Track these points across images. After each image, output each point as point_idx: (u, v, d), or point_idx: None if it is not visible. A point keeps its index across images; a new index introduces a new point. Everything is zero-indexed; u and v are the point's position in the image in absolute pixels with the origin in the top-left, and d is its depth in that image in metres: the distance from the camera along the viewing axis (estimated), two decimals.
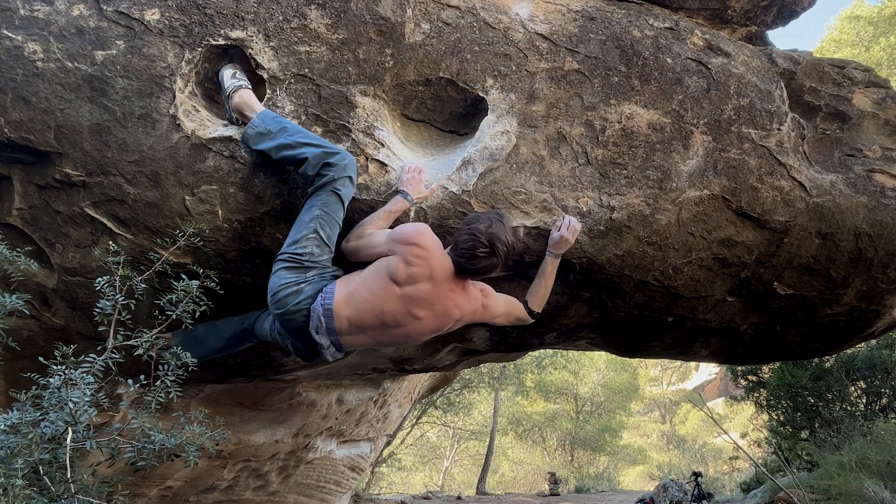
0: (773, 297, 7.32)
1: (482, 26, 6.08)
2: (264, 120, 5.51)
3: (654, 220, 6.33)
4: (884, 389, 18.27)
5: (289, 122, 5.56)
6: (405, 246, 5.32)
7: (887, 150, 7.30)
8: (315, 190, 5.43)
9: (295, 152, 5.45)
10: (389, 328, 5.53)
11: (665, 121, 6.33)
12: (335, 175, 5.38)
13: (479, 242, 5.31)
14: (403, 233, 5.39)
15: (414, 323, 5.52)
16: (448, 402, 34.30)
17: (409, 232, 5.39)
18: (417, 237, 5.35)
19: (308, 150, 5.43)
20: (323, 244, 5.45)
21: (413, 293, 5.38)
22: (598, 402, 51.83)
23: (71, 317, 6.43)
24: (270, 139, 5.47)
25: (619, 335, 7.98)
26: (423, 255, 5.30)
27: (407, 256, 5.29)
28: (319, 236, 5.41)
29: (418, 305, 5.43)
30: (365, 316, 5.42)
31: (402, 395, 14.40)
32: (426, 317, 5.53)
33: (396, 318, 5.45)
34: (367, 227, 5.66)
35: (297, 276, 5.39)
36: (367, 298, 5.38)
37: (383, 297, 5.37)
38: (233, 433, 9.61)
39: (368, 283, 5.42)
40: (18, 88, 5.38)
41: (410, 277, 5.32)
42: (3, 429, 4.48)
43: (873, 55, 34.07)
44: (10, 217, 6.00)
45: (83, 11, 5.42)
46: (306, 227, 5.40)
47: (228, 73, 5.69)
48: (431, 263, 5.34)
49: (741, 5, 7.38)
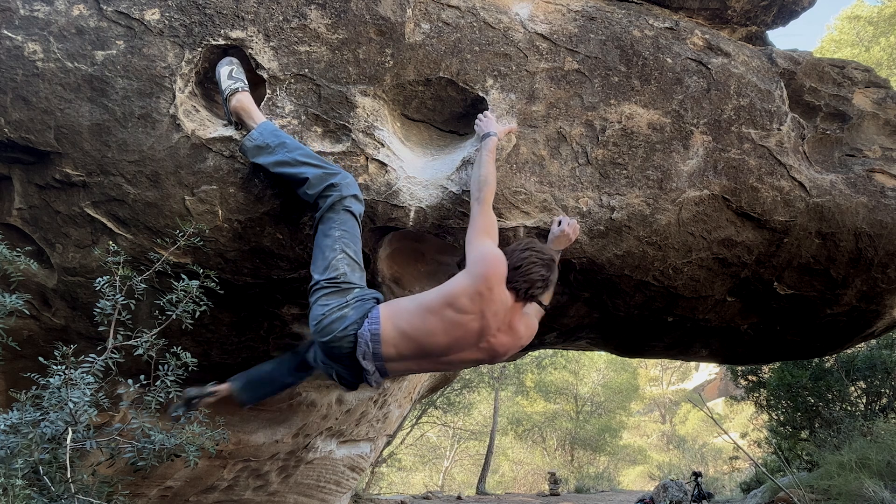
0: (773, 297, 7.32)
1: (482, 26, 6.08)
2: (263, 133, 5.47)
3: (654, 220, 6.33)
4: (884, 389, 18.26)
5: (288, 138, 5.52)
6: (482, 275, 5.19)
7: (887, 150, 7.30)
8: (326, 212, 5.40)
9: (294, 170, 5.43)
10: (434, 357, 5.45)
11: (665, 121, 6.34)
12: (342, 194, 5.37)
13: (539, 259, 5.35)
14: (486, 260, 5.24)
15: (458, 354, 5.44)
16: (448, 402, 34.29)
17: (490, 265, 5.23)
18: (493, 273, 5.23)
19: (308, 171, 5.41)
20: (354, 263, 5.42)
21: (461, 325, 5.24)
22: (598, 402, 51.83)
23: (71, 317, 6.43)
24: (269, 154, 5.44)
25: (619, 335, 7.98)
26: (487, 296, 5.20)
27: (476, 286, 5.18)
28: (348, 255, 5.38)
29: (464, 340, 5.33)
30: (412, 343, 5.31)
31: (402, 395, 14.38)
32: (468, 349, 5.43)
33: (444, 348, 5.35)
34: (492, 194, 5.62)
35: (338, 301, 5.31)
36: (416, 325, 5.26)
37: (435, 327, 5.24)
38: (232, 433, 9.60)
39: (421, 310, 5.30)
40: (18, 88, 5.39)
41: (466, 308, 5.20)
42: (3, 429, 4.49)
43: (873, 55, 34.09)
44: (10, 217, 6.00)
45: (83, 11, 5.42)
46: (331, 249, 5.36)
47: (225, 72, 5.63)
48: (487, 305, 5.23)
49: (741, 5, 7.38)
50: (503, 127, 5.90)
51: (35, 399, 4.72)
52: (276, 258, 6.00)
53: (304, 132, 5.70)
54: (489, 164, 5.59)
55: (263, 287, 6.23)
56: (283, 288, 6.31)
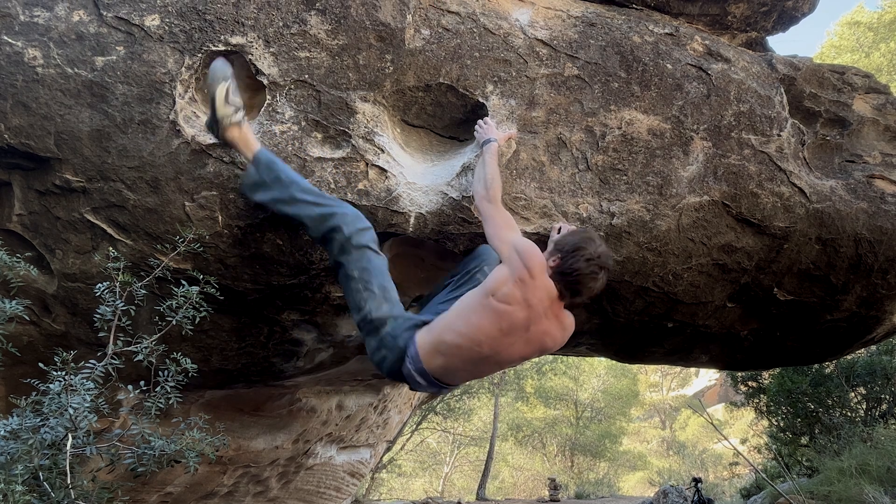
0: (773, 302, 7.32)
1: (482, 32, 6.09)
2: (258, 166, 5.42)
3: (654, 225, 6.33)
4: (884, 395, 18.25)
5: (283, 170, 5.46)
6: (522, 266, 5.14)
7: (887, 155, 7.31)
8: (337, 257, 5.43)
9: (292, 210, 5.43)
10: (481, 363, 5.43)
11: (665, 126, 6.34)
12: (346, 234, 5.36)
13: (595, 267, 5.25)
14: (529, 252, 5.20)
15: (506, 350, 5.38)
16: (448, 408, 34.30)
17: (535, 256, 5.21)
18: (536, 264, 5.19)
19: (305, 212, 5.40)
20: (379, 297, 5.41)
21: (507, 314, 5.19)
22: (598, 408, 51.82)
23: (71, 322, 6.43)
24: (265, 190, 5.43)
25: (619, 341, 7.99)
26: (530, 283, 5.16)
27: (517, 274, 5.14)
28: (371, 290, 5.38)
29: (512, 331, 5.28)
30: (462, 354, 5.29)
31: (402, 401, 14.39)
32: (517, 342, 5.38)
33: (494, 343, 5.29)
34: (498, 191, 5.56)
35: (375, 341, 5.40)
36: (462, 332, 5.23)
37: (481, 322, 5.21)
38: (233, 439, 9.60)
39: (464, 312, 5.30)
40: (18, 94, 5.38)
41: (509, 297, 5.16)
42: (3, 434, 4.49)
43: (873, 61, 34.14)
44: (9, 223, 6.00)
45: (83, 17, 5.42)
46: (355, 291, 5.39)
47: (221, 94, 5.36)
48: (531, 292, 5.18)
49: (741, 11, 7.39)
50: (503, 133, 5.90)
51: (35, 405, 4.72)
52: (276, 264, 6.00)
53: (303, 138, 5.70)
54: (493, 165, 5.58)
55: (264, 293, 6.22)
56: (284, 294, 6.31)
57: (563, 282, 5.28)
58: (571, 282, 5.27)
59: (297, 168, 5.63)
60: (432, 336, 5.29)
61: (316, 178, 5.68)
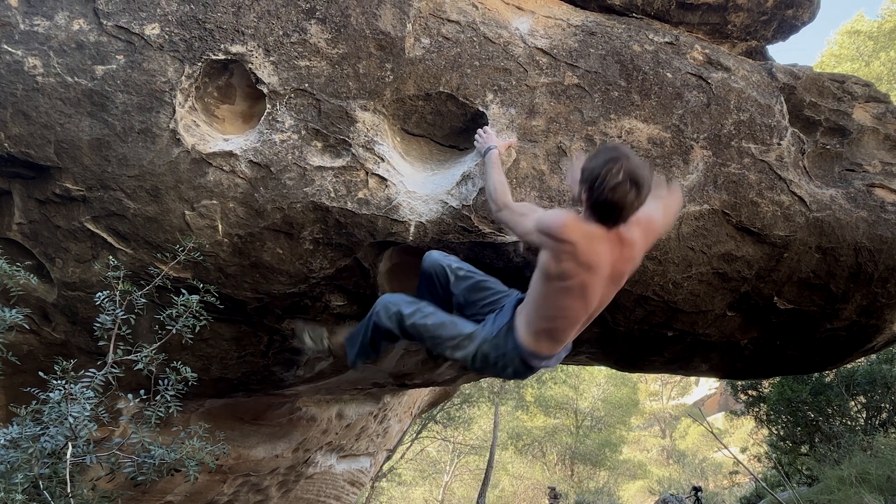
0: (773, 311, 7.31)
1: (482, 41, 6.09)
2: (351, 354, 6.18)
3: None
4: (884, 404, 18.23)
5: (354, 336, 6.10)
6: (553, 242, 5.10)
7: (887, 164, 7.30)
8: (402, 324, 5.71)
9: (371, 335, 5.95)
10: (589, 318, 5.51)
11: (665, 135, 6.33)
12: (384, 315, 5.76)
13: (625, 189, 5.00)
14: (549, 227, 5.13)
15: (603, 297, 5.45)
16: (448, 417, 34.25)
17: (555, 227, 5.11)
18: (562, 232, 5.08)
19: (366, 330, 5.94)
20: (450, 325, 5.65)
21: (576, 284, 5.19)
22: (598, 417, 51.72)
23: (71, 331, 6.42)
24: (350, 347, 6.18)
25: (619, 350, 7.98)
26: (571, 251, 5.08)
27: (556, 253, 5.11)
28: (442, 324, 5.65)
29: (595, 289, 5.29)
30: (568, 332, 5.40)
31: (402, 410, 14.39)
32: (607, 288, 5.43)
33: (588, 309, 5.37)
34: (504, 191, 5.53)
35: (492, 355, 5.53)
36: (551, 316, 5.31)
37: (564, 303, 5.27)
38: (233, 448, 9.60)
39: (542, 302, 5.32)
40: (18, 103, 5.39)
41: (565, 273, 5.14)
42: (3, 443, 4.49)
43: (873, 70, 34.11)
44: (10, 232, 6.01)
45: (83, 26, 5.43)
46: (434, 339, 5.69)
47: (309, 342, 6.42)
48: (581, 255, 5.12)
49: (741, 20, 7.39)
50: (503, 141, 5.89)
51: (35, 414, 4.73)
52: (276, 273, 6.00)
53: (304, 147, 5.70)
54: (495, 173, 5.58)
55: (264, 302, 6.22)
56: (284, 303, 6.31)
57: (601, 212, 5.15)
58: (608, 211, 5.12)
59: (296, 177, 5.63)
60: (531, 331, 5.37)
61: (316, 186, 5.68)
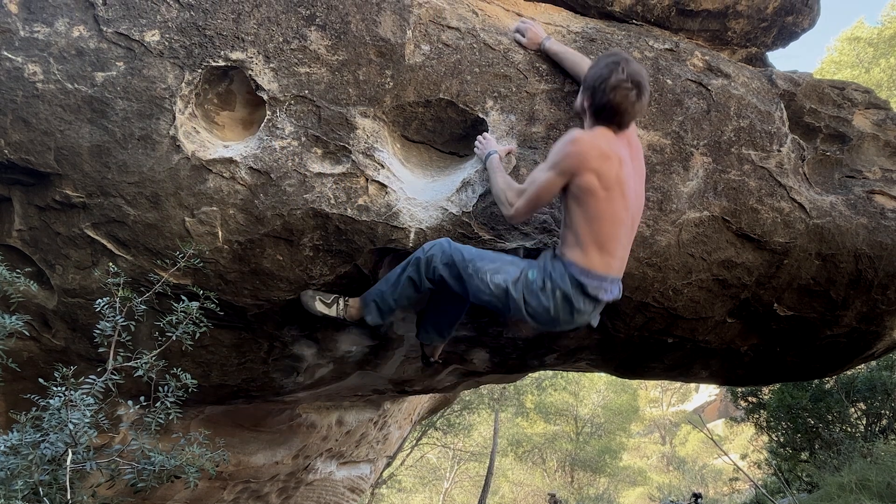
0: (772, 318, 7.31)
1: (482, 47, 6.09)
2: (369, 311, 6.00)
3: (654, 241, 6.32)
4: (884, 411, 18.23)
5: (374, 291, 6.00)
6: (575, 161, 5.21)
7: (887, 171, 7.30)
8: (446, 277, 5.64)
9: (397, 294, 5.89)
10: (626, 228, 5.52)
11: (665, 142, 6.33)
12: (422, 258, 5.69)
13: (625, 91, 5.23)
14: (564, 153, 5.25)
15: (632, 196, 5.49)
16: (448, 424, 34.24)
17: (569, 147, 5.26)
18: (577, 144, 5.26)
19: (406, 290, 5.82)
20: (494, 255, 5.67)
21: (612, 182, 5.26)
22: (598, 424, 51.73)
23: (71, 338, 6.43)
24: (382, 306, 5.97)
25: (619, 356, 7.98)
26: (595, 154, 5.23)
27: (583, 169, 5.20)
28: (484, 254, 5.64)
29: (623, 184, 5.35)
30: (606, 242, 5.38)
31: (402, 417, 14.40)
32: (634, 185, 5.51)
33: (625, 210, 5.41)
34: (511, 187, 5.55)
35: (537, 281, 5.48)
36: (594, 225, 5.33)
37: (604, 211, 5.30)
38: (233, 454, 9.60)
39: (583, 218, 5.35)
40: (18, 110, 5.39)
41: (599, 177, 5.23)
42: (3, 450, 4.49)
43: (873, 76, 34.14)
44: (10, 238, 6.01)
45: (83, 33, 5.43)
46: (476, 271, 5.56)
47: (321, 307, 6.07)
48: (603, 150, 5.27)
49: (741, 27, 7.39)
50: (503, 147, 5.90)
51: (35, 420, 4.73)
52: (276, 279, 6.00)
53: (304, 153, 5.70)
54: (499, 177, 5.61)
55: (264, 308, 6.23)
56: (284, 309, 6.31)
57: (604, 114, 5.33)
58: (611, 112, 5.30)
59: (296, 183, 5.64)
60: (578, 245, 5.41)
61: (316, 193, 5.69)
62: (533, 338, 7.36)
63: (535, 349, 7.52)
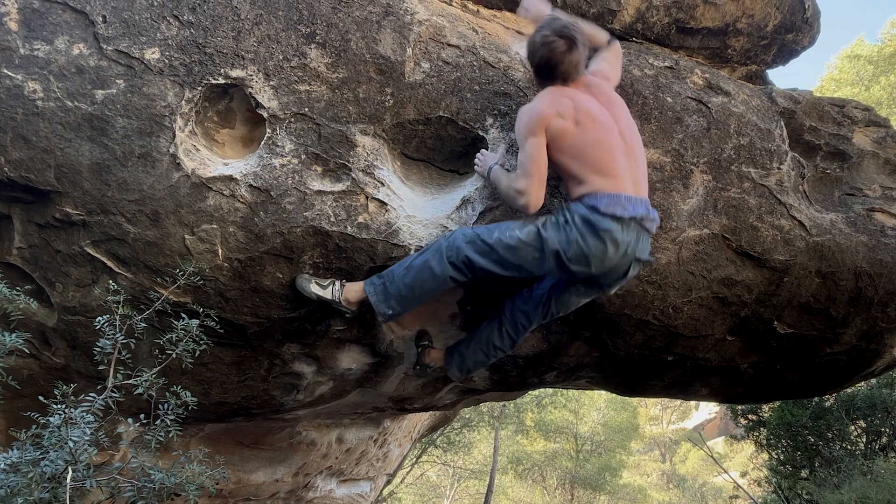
0: (773, 336, 7.31)
1: (482, 65, 6.09)
2: (376, 292, 5.80)
3: (654, 258, 6.32)
4: (884, 428, 18.21)
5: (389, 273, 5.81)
6: (540, 119, 5.37)
7: (887, 189, 7.31)
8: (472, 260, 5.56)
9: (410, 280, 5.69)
10: (624, 149, 5.53)
11: (665, 160, 6.34)
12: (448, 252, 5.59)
13: (553, 44, 5.48)
14: (529, 120, 5.43)
15: (612, 120, 5.56)
16: (448, 441, 34.19)
17: (531, 113, 5.45)
18: (538, 108, 5.45)
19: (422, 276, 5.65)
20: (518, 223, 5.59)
21: (583, 118, 5.43)
22: (598, 441, 51.62)
23: (71, 356, 6.42)
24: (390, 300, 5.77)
25: (619, 374, 7.97)
26: (555, 109, 5.41)
27: (549, 123, 5.36)
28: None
29: (595, 114, 5.48)
30: (604, 165, 5.41)
31: (402, 434, 14.38)
32: (610, 112, 5.59)
33: (606, 133, 5.48)
34: (512, 178, 5.55)
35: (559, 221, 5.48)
36: (585, 158, 5.43)
37: (588, 143, 5.42)
38: (233, 472, 9.59)
39: (571, 160, 5.45)
40: (18, 127, 5.39)
41: (573, 120, 5.40)
42: (3, 468, 4.48)
43: (873, 94, 34.15)
44: (9, 256, 6.00)
45: (83, 50, 5.43)
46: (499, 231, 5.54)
47: (316, 288, 5.88)
48: (559, 102, 5.45)
49: (741, 45, 7.41)
50: (502, 160, 5.90)
51: (35, 438, 4.72)
52: (276, 297, 6.00)
53: (303, 171, 5.70)
54: (504, 176, 5.61)
55: (264, 326, 6.22)
56: (284, 327, 6.31)
57: (545, 76, 5.64)
58: (548, 71, 5.59)
59: (296, 201, 5.64)
60: (580, 179, 5.48)
61: (316, 211, 5.69)
62: (533, 355, 7.34)
63: (535, 367, 7.51)
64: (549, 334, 7.08)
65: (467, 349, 6.47)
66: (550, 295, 6.02)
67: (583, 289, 5.88)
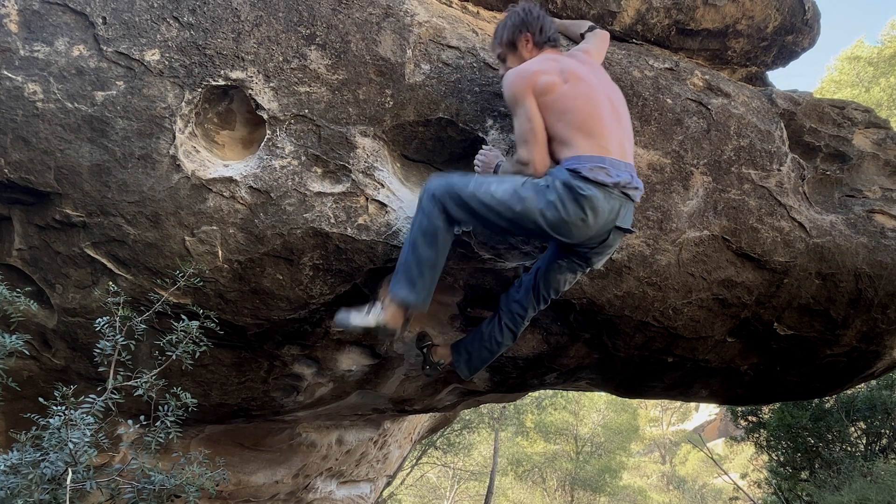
0: (773, 337, 7.31)
1: (482, 67, 6.09)
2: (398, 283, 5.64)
3: (655, 260, 6.32)
4: (884, 430, 18.20)
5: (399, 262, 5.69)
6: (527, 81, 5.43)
7: (887, 190, 7.31)
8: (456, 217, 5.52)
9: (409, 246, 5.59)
10: (610, 110, 5.52)
11: (665, 161, 6.34)
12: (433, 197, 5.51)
13: (522, 20, 5.76)
14: (516, 88, 5.48)
15: (595, 81, 5.58)
16: (448, 443, 34.16)
17: (516, 79, 5.50)
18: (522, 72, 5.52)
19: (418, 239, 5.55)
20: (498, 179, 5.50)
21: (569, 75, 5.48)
22: (598, 443, 51.59)
23: (71, 357, 6.42)
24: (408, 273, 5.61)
25: (619, 375, 7.97)
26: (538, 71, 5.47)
27: (535, 85, 5.40)
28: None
29: (578, 74, 5.52)
30: (587, 125, 5.37)
31: (402, 436, 14.36)
32: (591, 74, 5.62)
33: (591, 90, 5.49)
34: (513, 156, 5.60)
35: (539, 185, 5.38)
36: (569, 117, 5.40)
37: (571, 102, 5.41)
38: (233, 473, 9.58)
39: (556, 120, 5.42)
40: (18, 129, 5.38)
41: (559, 78, 5.44)
42: (3, 469, 4.48)
43: (873, 96, 34.14)
44: (9, 258, 6.00)
45: (83, 52, 5.43)
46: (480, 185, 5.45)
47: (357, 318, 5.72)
48: (541, 64, 5.53)
49: (741, 46, 7.41)
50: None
51: (35, 439, 4.71)
52: (276, 299, 5.99)
53: (303, 172, 5.69)
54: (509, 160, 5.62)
55: (264, 327, 6.21)
56: (284, 328, 6.30)
57: (541, 40, 5.83)
58: (528, 25, 5.79)
59: (296, 203, 5.63)
60: (564, 142, 5.44)
61: (316, 212, 5.69)
62: (533, 357, 7.34)
63: (535, 368, 7.51)
64: (549, 336, 7.08)
65: (473, 347, 6.47)
66: (538, 278, 6.00)
67: (565, 264, 5.79)
